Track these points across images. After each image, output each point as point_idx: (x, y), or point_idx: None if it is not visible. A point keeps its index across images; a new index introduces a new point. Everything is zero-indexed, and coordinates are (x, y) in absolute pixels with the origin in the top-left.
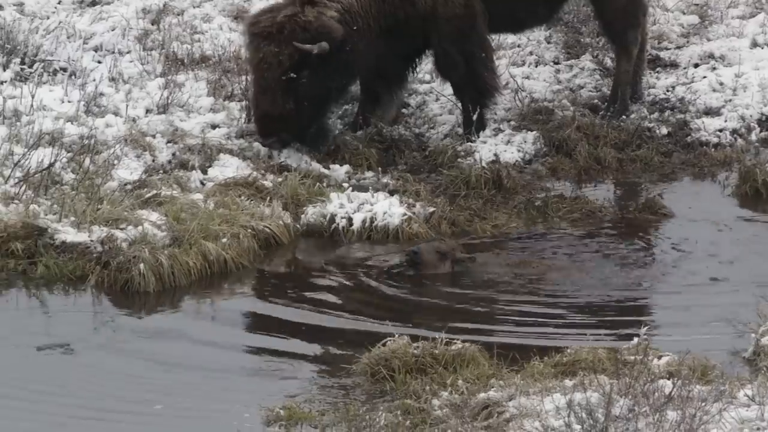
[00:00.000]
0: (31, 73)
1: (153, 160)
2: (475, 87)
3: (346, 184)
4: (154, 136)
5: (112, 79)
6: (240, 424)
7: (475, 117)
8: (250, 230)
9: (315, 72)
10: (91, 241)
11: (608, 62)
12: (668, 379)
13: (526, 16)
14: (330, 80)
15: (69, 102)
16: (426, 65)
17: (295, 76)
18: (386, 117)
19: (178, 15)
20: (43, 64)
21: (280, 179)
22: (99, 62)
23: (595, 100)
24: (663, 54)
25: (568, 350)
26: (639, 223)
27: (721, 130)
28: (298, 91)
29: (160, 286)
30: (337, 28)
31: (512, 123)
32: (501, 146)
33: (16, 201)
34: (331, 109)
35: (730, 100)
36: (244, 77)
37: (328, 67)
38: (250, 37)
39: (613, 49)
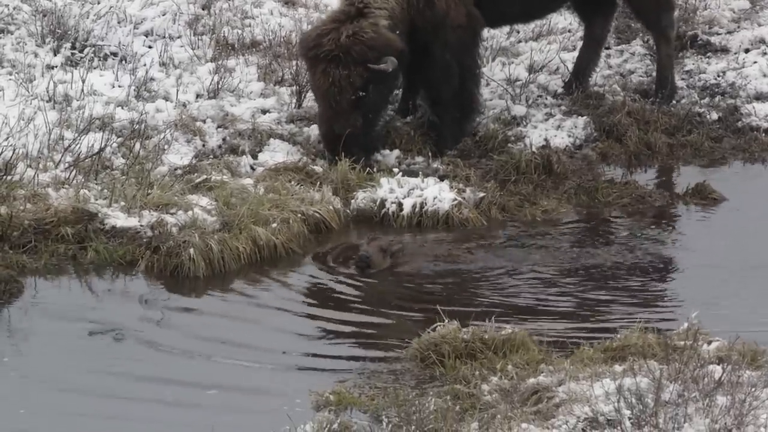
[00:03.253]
0: (81, 57)
1: (203, 145)
2: (461, 104)
3: (396, 169)
4: (204, 121)
5: (163, 64)
6: (290, 409)
7: (451, 134)
8: (300, 215)
9: (378, 85)
10: (141, 225)
11: None
12: (718, 364)
13: (539, 9)
14: (389, 89)
15: (119, 87)
16: None
17: (363, 94)
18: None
19: (229, 0)
20: (93, 48)
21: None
22: (149, 47)
23: (646, 85)
24: (713, 39)
25: (618, 335)
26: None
27: None
28: (365, 107)
29: (210, 271)
30: (397, 40)
31: (563, 108)
32: (551, 131)
33: (67, 186)
34: (386, 112)
35: None
36: (294, 62)
37: (388, 78)
38: (313, 60)
39: (651, 35)
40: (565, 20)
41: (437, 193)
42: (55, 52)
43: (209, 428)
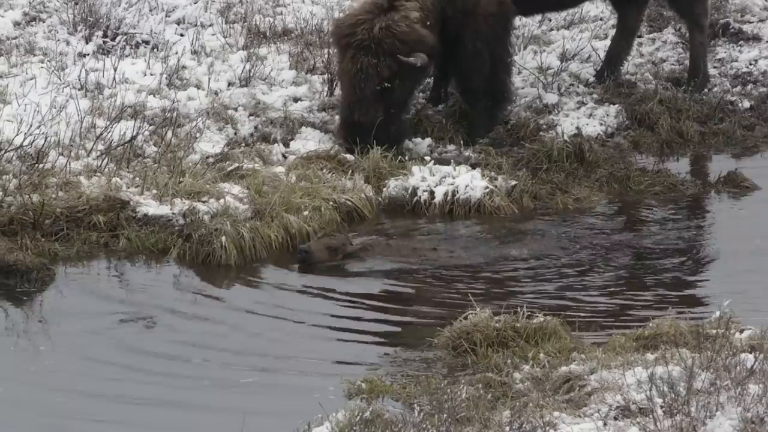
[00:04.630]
0: (113, 46)
1: (235, 133)
2: (492, 93)
3: (428, 158)
4: (236, 109)
5: (195, 52)
6: (323, 397)
7: (482, 122)
8: (331, 203)
9: (405, 80)
10: (173, 214)
11: None
12: (750, 352)
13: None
14: (415, 84)
15: (151, 75)
16: None
17: (389, 85)
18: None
19: None
20: (125, 37)
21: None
22: (181, 35)
23: (678, 74)
24: (745, 27)
25: (650, 324)
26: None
27: None
28: (388, 100)
29: (242, 259)
30: (429, 36)
31: (594, 96)
32: (583, 119)
33: (99, 174)
34: (411, 107)
35: None
36: (326, 51)
37: (415, 74)
38: (344, 47)
39: (684, 23)
40: (597, 8)
41: (469, 182)
42: (87, 40)
43: (241, 415)
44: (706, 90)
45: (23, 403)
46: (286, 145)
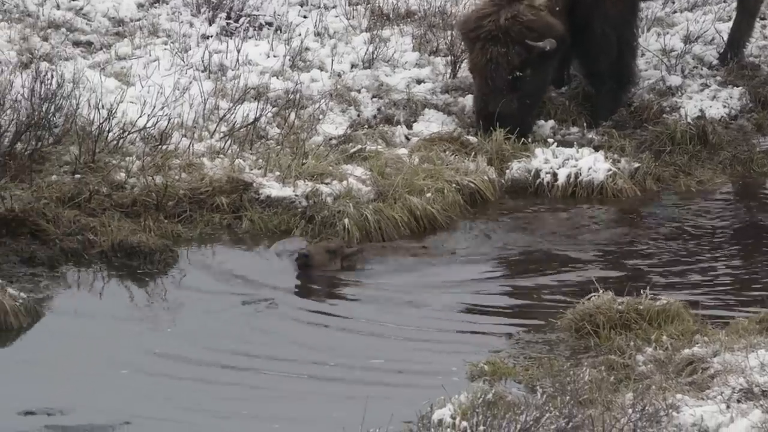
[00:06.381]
0: (236, 27)
1: (358, 115)
2: (618, 76)
3: (550, 140)
4: (359, 91)
5: (318, 34)
6: (446, 379)
7: (606, 105)
8: (454, 185)
9: (536, 68)
10: (296, 195)
11: None
12: None
13: None
14: (547, 73)
15: (274, 57)
16: None
17: (520, 74)
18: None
19: None
20: (248, 18)
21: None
22: (304, 17)
23: None
24: None
25: None
26: None
27: None
28: (522, 89)
29: (366, 240)
30: (557, 24)
31: (718, 78)
32: (706, 102)
33: (222, 155)
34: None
35: None
36: (449, 32)
37: (546, 61)
38: (473, 39)
39: None
40: None
41: (592, 164)
42: (210, 21)
43: (364, 399)
44: None
45: (148, 387)
46: (409, 126)
